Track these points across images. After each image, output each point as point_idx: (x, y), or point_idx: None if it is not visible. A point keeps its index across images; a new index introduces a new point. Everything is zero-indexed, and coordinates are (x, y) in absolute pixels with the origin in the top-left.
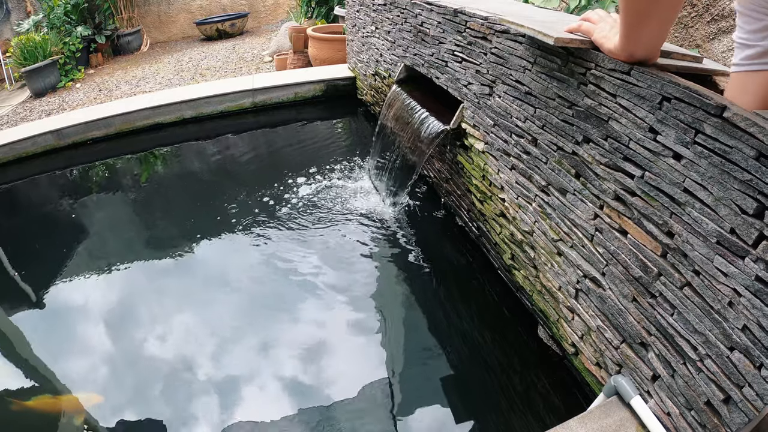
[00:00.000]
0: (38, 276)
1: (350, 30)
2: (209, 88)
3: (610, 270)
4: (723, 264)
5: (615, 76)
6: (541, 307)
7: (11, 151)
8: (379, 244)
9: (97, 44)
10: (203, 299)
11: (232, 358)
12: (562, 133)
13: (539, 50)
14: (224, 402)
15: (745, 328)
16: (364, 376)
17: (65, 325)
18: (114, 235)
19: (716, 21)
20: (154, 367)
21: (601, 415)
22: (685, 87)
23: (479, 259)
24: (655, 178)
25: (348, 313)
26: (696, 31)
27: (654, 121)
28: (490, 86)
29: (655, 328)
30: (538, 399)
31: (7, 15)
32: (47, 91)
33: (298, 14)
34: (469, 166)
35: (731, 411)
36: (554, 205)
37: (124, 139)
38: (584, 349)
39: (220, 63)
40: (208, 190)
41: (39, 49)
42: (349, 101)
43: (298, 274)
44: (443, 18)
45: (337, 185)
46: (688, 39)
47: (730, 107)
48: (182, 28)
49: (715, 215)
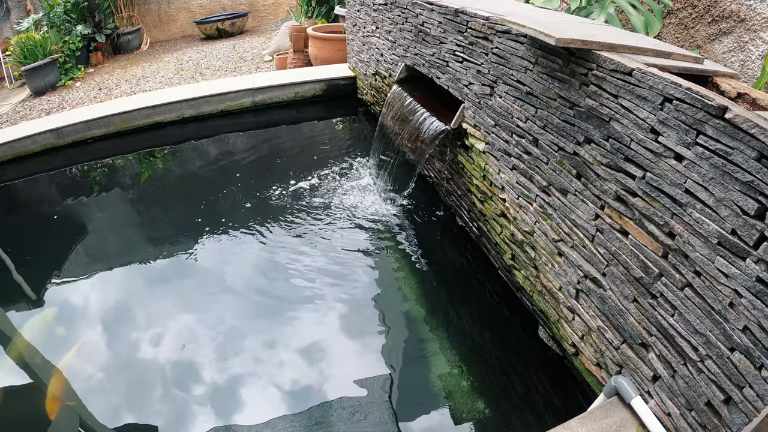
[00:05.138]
0: (37, 275)
1: (350, 29)
2: (209, 87)
3: (610, 270)
4: (724, 265)
5: (616, 77)
6: (541, 307)
7: (11, 150)
8: (379, 243)
9: (97, 43)
10: (202, 297)
11: (232, 358)
12: (564, 134)
13: (541, 50)
14: (224, 402)
15: (745, 329)
16: (364, 376)
17: (65, 325)
18: (113, 233)
19: (717, 22)
20: (154, 368)
21: (602, 415)
22: (686, 88)
23: (479, 259)
24: (656, 178)
25: (347, 313)
26: (697, 32)
27: (655, 122)
28: (491, 86)
29: (656, 329)
30: (538, 399)
31: (7, 13)
32: (47, 90)
33: (299, 13)
34: (469, 166)
35: (732, 412)
36: (555, 205)
37: (123, 138)
38: (585, 350)
39: (220, 62)
40: (207, 189)
41: (39, 47)
42: (350, 101)
43: (298, 273)
44: (444, 18)
45: (337, 185)
46: (689, 40)
47: (732, 108)
48: (182, 27)
49: (716, 216)
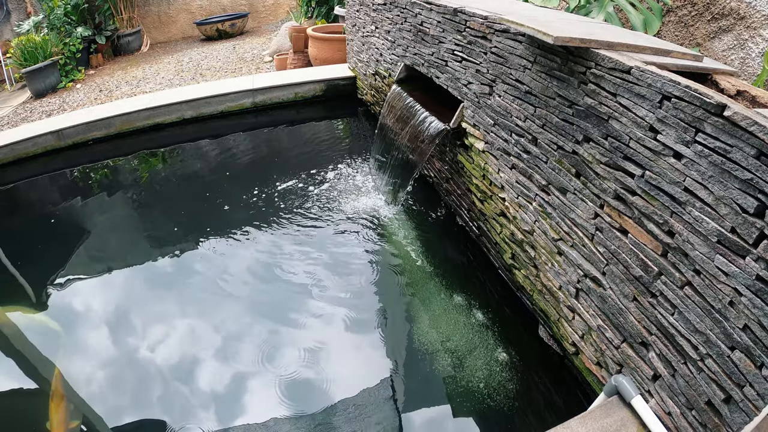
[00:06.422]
0: (39, 276)
1: (350, 30)
2: (209, 88)
3: (610, 269)
4: (724, 263)
5: (615, 75)
6: (541, 306)
7: (12, 152)
8: (379, 243)
9: (98, 45)
10: (203, 298)
11: (234, 358)
12: (563, 133)
13: (539, 49)
14: (226, 403)
15: (745, 327)
16: (364, 375)
17: (65, 326)
18: (114, 235)
19: (716, 20)
20: (155, 369)
21: (602, 414)
22: (685, 86)
23: (480, 259)
24: (655, 177)
25: (347, 313)
26: (696, 29)
27: (654, 120)
28: (490, 85)
29: (656, 328)
30: (538, 398)
31: (7, 16)
32: (48, 92)
33: (298, 14)
34: (469, 165)
35: (732, 411)
36: (554, 204)
37: (124, 139)
38: (585, 349)
39: (221, 63)
40: (208, 190)
41: (39, 49)
42: (349, 101)
43: (298, 273)
44: (443, 17)
45: (337, 185)
46: (689, 37)
47: (731, 106)
48: (182, 29)
49: (715, 214)
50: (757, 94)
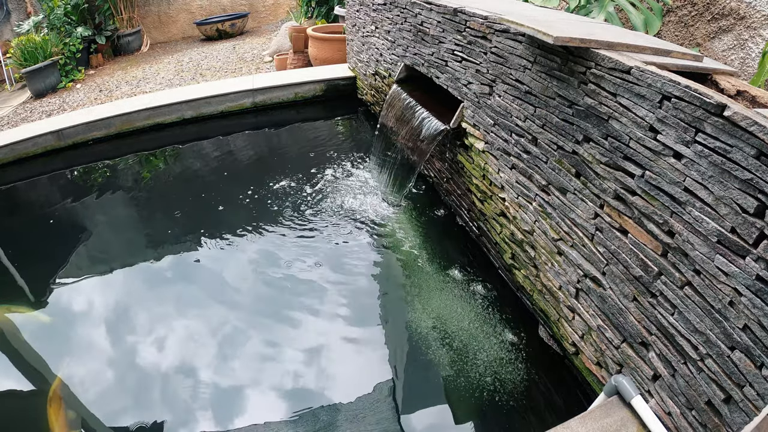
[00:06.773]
0: (38, 276)
1: (350, 30)
2: (209, 88)
3: (610, 269)
4: (724, 263)
5: (615, 75)
6: (541, 306)
7: (12, 152)
8: (379, 243)
9: (98, 45)
10: (203, 298)
11: (235, 359)
12: (563, 133)
13: (539, 49)
14: (226, 404)
15: (745, 327)
16: (364, 376)
17: (65, 325)
18: (114, 235)
19: (717, 20)
20: (155, 370)
21: (602, 414)
22: (685, 86)
23: (480, 259)
24: (655, 177)
25: (348, 313)
26: (696, 29)
27: (654, 120)
28: (490, 85)
29: (656, 328)
30: (538, 398)
31: (7, 16)
32: (48, 92)
33: (298, 14)
34: (469, 165)
35: (732, 411)
36: (554, 204)
37: (124, 139)
38: (585, 349)
39: (221, 63)
40: (208, 190)
41: (39, 49)
42: (350, 101)
43: (299, 274)
44: (443, 17)
45: (337, 185)
46: (689, 37)
47: (731, 106)
48: (182, 29)
49: (715, 214)
50: (757, 94)
